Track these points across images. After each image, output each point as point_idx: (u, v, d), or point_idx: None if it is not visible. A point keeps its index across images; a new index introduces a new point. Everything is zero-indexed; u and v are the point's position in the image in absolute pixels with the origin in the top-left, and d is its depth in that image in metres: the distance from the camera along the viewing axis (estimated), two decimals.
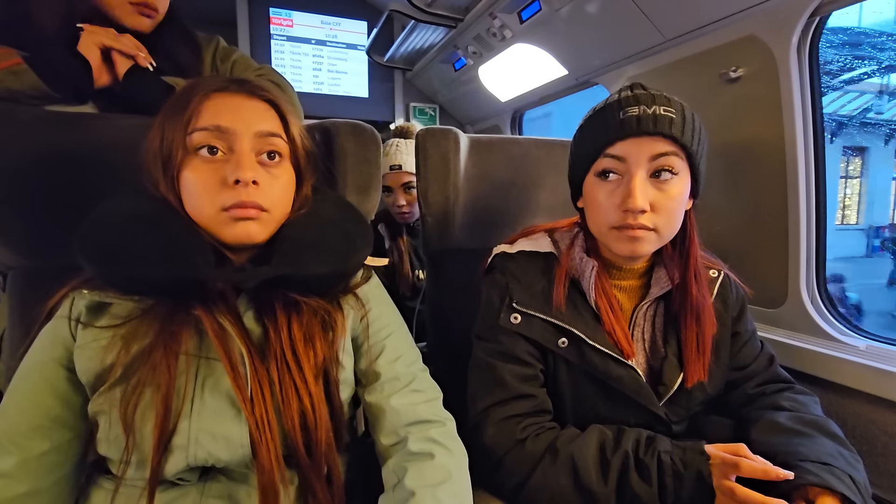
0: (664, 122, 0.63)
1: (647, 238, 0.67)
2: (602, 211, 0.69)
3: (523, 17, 1.65)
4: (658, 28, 1.29)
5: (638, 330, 0.76)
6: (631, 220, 0.65)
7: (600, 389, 0.72)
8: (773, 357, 0.83)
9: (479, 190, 1.05)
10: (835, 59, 6.07)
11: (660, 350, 0.75)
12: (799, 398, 0.75)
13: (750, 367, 0.80)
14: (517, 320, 0.73)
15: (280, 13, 2.43)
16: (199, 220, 0.61)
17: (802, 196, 1.08)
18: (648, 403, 0.71)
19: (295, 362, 0.60)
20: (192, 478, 0.60)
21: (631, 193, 0.64)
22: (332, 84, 2.57)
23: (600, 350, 0.71)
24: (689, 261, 0.73)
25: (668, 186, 0.66)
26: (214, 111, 0.61)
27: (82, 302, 0.60)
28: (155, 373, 0.55)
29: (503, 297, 0.75)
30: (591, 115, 0.71)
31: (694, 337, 0.73)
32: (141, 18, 0.92)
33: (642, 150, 0.65)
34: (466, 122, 2.80)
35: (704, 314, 0.73)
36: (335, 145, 0.88)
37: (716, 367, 0.76)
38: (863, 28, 6.25)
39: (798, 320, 1.10)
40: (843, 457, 0.63)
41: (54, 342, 0.60)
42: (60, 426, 0.59)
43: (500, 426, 0.70)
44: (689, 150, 0.65)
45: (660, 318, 0.77)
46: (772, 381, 0.80)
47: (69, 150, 0.76)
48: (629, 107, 0.65)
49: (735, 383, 0.80)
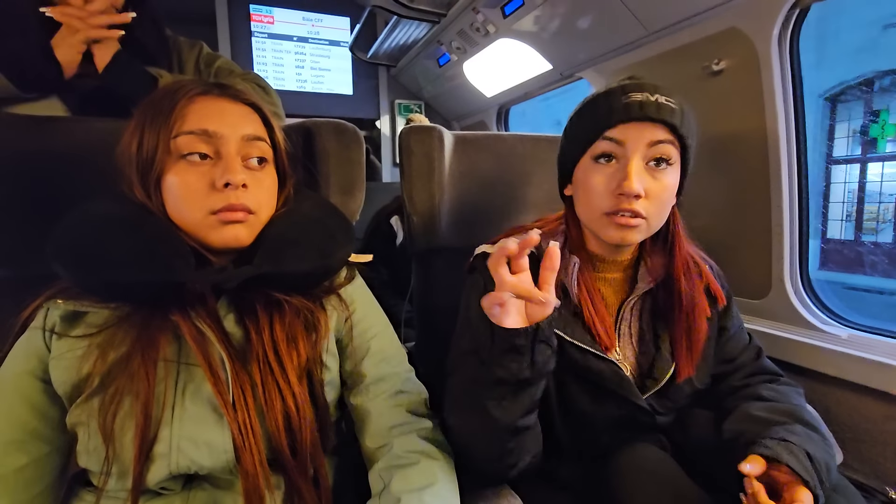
0: (666, 110, 0.64)
1: (638, 226, 0.66)
2: (596, 195, 0.68)
3: (506, 11, 1.65)
4: (641, 21, 1.29)
5: (625, 324, 0.76)
6: (626, 205, 0.65)
7: (583, 384, 0.72)
8: (761, 350, 0.83)
9: (465, 188, 1.05)
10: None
11: (648, 345, 0.75)
12: (780, 388, 0.76)
13: (737, 360, 0.81)
14: None
15: (260, 10, 2.39)
16: (184, 224, 0.60)
17: (785, 187, 1.09)
18: (630, 395, 0.71)
19: (278, 363, 0.60)
20: (175, 486, 0.59)
21: (627, 176, 0.64)
22: (315, 81, 2.54)
23: (578, 346, 0.70)
24: (676, 255, 0.73)
25: (662, 175, 0.66)
26: (200, 115, 0.60)
27: (56, 312, 0.59)
28: (133, 381, 0.54)
29: (480, 297, 0.73)
30: (591, 99, 0.70)
31: (684, 332, 0.73)
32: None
33: (643, 136, 0.64)
34: (452, 118, 2.80)
35: (696, 310, 0.73)
36: (317, 146, 0.87)
37: (702, 361, 0.76)
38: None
39: (782, 311, 1.12)
40: (809, 437, 0.63)
41: (28, 354, 0.59)
42: (38, 440, 0.58)
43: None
44: (686, 143, 0.66)
45: (647, 312, 0.76)
46: (758, 374, 0.81)
47: (42, 155, 0.74)
48: (633, 92, 0.65)
49: (721, 376, 0.80)
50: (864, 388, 0.93)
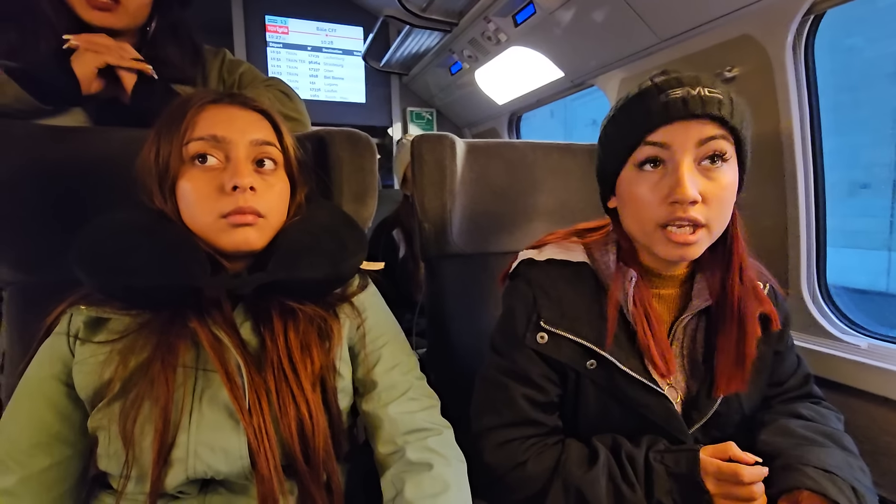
0: (713, 103, 0.57)
1: (698, 241, 0.60)
2: (645, 207, 0.61)
3: (518, 20, 1.65)
4: (652, 29, 1.29)
5: (677, 344, 0.70)
6: (681, 213, 0.58)
7: (628, 412, 0.68)
8: (809, 376, 0.78)
9: (476, 195, 1.05)
10: None
11: (701, 370, 0.69)
12: (820, 410, 0.72)
13: (785, 384, 0.76)
14: (544, 339, 0.67)
15: (276, 20, 2.43)
16: (197, 229, 0.61)
17: (801, 194, 1.07)
18: (677, 433, 0.67)
19: (292, 370, 0.60)
20: (192, 491, 0.60)
21: (679, 182, 0.57)
22: (328, 90, 2.58)
23: (631, 375, 0.66)
24: (733, 261, 0.66)
25: (718, 174, 0.59)
26: (210, 122, 0.62)
27: (80, 318, 0.61)
28: (153, 386, 0.55)
29: (529, 313, 0.69)
30: (625, 103, 0.64)
31: (733, 344, 0.66)
32: (99, 13, 0.87)
33: (689, 135, 0.58)
34: (464, 125, 2.81)
35: (749, 321, 0.66)
36: (330, 154, 0.88)
37: (754, 386, 0.71)
38: None
39: (799, 318, 1.10)
40: (851, 467, 0.60)
41: (53, 359, 0.61)
42: (61, 442, 0.60)
43: (503, 448, 0.68)
44: (739, 135, 0.60)
45: (701, 332, 0.70)
46: (804, 398, 0.76)
47: (64, 165, 0.76)
48: (671, 89, 0.59)
49: (767, 399, 0.76)
50: (884, 399, 0.91)
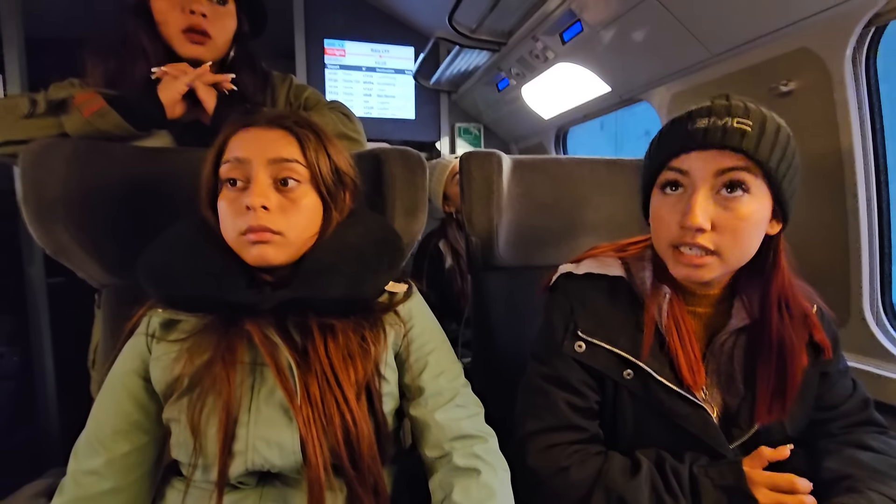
0: (734, 136, 0.58)
1: (707, 263, 0.62)
2: (663, 227, 0.65)
3: (565, 38, 1.67)
4: (703, 44, 1.28)
5: (714, 361, 0.71)
6: (689, 239, 0.61)
7: (665, 424, 0.69)
8: (869, 401, 0.75)
9: (523, 210, 1.08)
10: None
11: (738, 387, 0.70)
12: (890, 441, 0.69)
13: (838, 409, 0.74)
14: (581, 348, 0.70)
15: (334, 43, 2.58)
16: (230, 244, 0.66)
17: (863, 211, 1.03)
18: (716, 445, 0.67)
19: (335, 380, 0.63)
20: (251, 482, 0.65)
21: (690, 210, 0.60)
22: (381, 108, 2.69)
23: (667, 385, 0.67)
24: (771, 291, 0.67)
25: (736, 205, 0.60)
26: (237, 144, 0.66)
27: (157, 319, 0.68)
28: (216, 382, 0.61)
29: (567, 322, 0.72)
30: (668, 124, 0.67)
31: (772, 374, 0.67)
32: (194, 47, 1.00)
33: (708, 165, 0.60)
34: (510, 140, 2.84)
35: (789, 352, 0.66)
36: (384, 171, 0.94)
37: (798, 408, 0.70)
38: None
39: (862, 342, 1.05)
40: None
41: (134, 355, 0.68)
42: (139, 430, 0.67)
43: (545, 452, 0.69)
44: (766, 167, 0.59)
45: (740, 350, 0.70)
46: (864, 424, 0.73)
47: (151, 181, 0.87)
48: (699, 118, 0.61)
49: (819, 423, 0.74)
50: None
